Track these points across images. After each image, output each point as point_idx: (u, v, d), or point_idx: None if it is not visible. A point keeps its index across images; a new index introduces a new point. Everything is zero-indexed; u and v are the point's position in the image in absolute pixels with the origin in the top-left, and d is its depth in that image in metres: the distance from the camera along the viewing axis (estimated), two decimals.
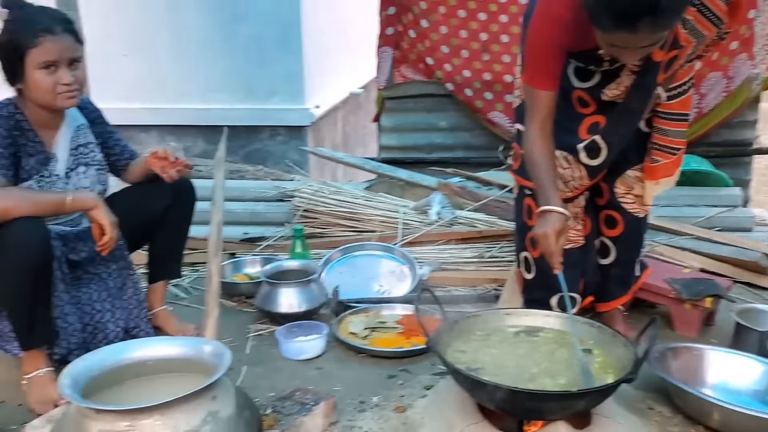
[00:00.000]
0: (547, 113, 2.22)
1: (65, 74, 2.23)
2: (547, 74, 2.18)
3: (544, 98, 2.19)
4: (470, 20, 4.34)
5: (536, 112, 2.22)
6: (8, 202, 2.10)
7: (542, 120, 2.22)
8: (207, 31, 4.77)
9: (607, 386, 1.81)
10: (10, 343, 2.39)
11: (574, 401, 1.80)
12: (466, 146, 4.53)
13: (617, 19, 1.87)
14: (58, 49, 2.21)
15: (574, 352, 1.98)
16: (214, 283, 2.35)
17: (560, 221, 2.08)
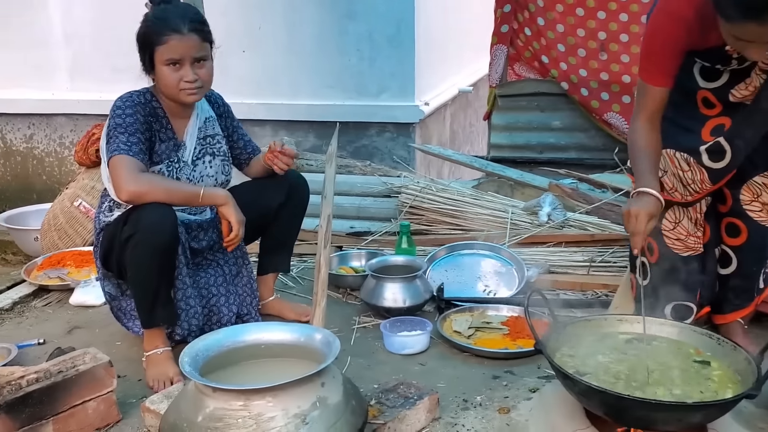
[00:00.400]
0: (656, 108, 2.21)
1: (188, 72, 2.32)
2: (662, 71, 2.16)
3: (657, 94, 2.18)
4: (588, 18, 4.23)
5: (646, 105, 2.21)
6: (147, 187, 2.22)
7: (651, 114, 2.21)
8: (321, 27, 4.86)
9: (726, 400, 1.73)
10: (132, 321, 2.55)
11: (689, 413, 1.73)
12: (579, 147, 4.42)
13: (744, 9, 1.81)
14: (182, 48, 2.31)
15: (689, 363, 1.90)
16: (323, 273, 2.40)
17: (654, 205, 2.04)
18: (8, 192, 5.66)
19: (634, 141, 2.22)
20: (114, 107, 2.34)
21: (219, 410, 1.62)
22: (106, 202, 2.45)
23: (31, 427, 1.93)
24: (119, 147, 2.24)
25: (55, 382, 1.98)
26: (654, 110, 2.20)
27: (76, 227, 3.71)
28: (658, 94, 2.18)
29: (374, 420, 1.93)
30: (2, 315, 3.01)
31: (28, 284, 3.26)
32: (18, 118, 5.51)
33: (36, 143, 5.54)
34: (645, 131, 2.21)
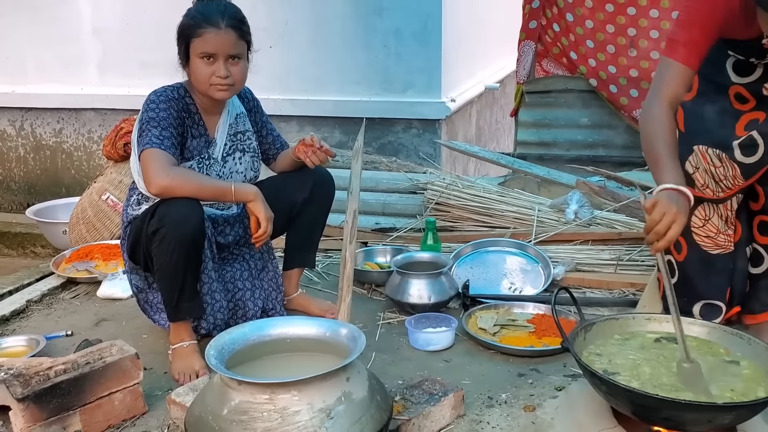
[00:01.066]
0: (678, 92, 2.08)
1: (221, 67, 2.32)
2: (693, 47, 2.05)
3: (680, 72, 2.06)
4: (618, 14, 4.18)
5: (667, 86, 2.08)
6: (178, 181, 2.23)
7: (671, 96, 2.07)
8: (348, 23, 4.85)
9: (757, 401, 1.70)
10: (158, 314, 2.56)
11: (720, 414, 1.71)
12: (607, 144, 4.38)
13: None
14: (217, 42, 2.31)
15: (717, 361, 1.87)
16: (349, 268, 2.40)
17: (687, 206, 1.89)
18: (38, 186, 5.74)
19: (653, 127, 2.05)
20: (148, 101, 2.35)
21: (244, 403, 1.63)
22: (135, 195, 2.47)
23: (58, 417, 1.95)
24: (151, 140, 2.25)
25: (82, 373, 2.00)
26: (675, 94, 2.08)
27: (103, 221, 3.75)
28: (683, 73, 2.06)
29: (399, 416, 1.92)
30: (31, 307, 3.05)
31: (57, 276, 3.30)
32: (47, 113, 5.58)
33: (65, 137, 5.61)
34: (665, 117, 2.05)
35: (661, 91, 2.09)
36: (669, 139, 2.04)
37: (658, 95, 2.09)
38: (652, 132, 2.06)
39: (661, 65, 2.14)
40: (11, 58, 5.55)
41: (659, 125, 2.05)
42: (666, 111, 2.06)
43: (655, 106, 2.08)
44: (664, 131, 2.04)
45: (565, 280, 3.04)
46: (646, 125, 2.09)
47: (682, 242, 2.43)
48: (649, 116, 2.09)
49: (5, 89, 5.59)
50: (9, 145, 5.74)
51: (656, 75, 2.15)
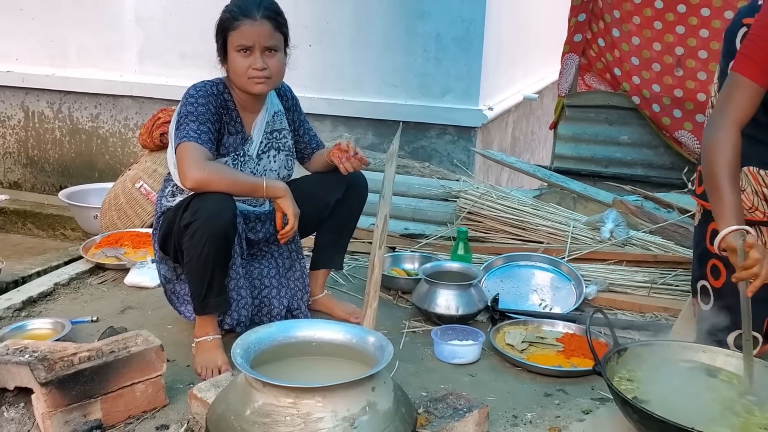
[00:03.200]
0: (747, 113, 2.01)
1: (258, 59, 2.32)
2: (763, 67, 1.98)
3: (750, 92, 2.00)
4: (666, 32, 4.10)
5: (736, 105, 2.00)
6: (214, 176, 2.22)
7: (740, 118, 2.00)
8: (390, 25, 4.82)
9: None
10: (185, 306, 2.55)
11: None
12: (647, 164, 4.30)
13: None
14: (253, 33, 2.30)
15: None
16: (376, 274, 2.36)
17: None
18: (72, 168, 5.80)
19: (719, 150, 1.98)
20: (187, 95, 2.34)
21: (268, 405, 1.60)
22: (169, 186, 2.46)
23: (79, 404, 1.94)
24: (189, 134, 2.24)
25: (106, 361, 1.98)
26: (744, 115, 2.00)
27: (135, 208, 3.76)
28: (754, 92, 1.99)
29: (422, 429, 1.88)
30: (58, 290, 3.06)
31: (86, 261, 3.31)
32: (86, 97, 5.63)
33: (101, 123, 5.65)
34: (732, 140, 1.98)
35: (729, 112, 2.01)
36: (733, 171, 1.99)
37: (727, 116, 2.01)
38: (716, 159, 2.00)
39: (729, 82, 2.06)
40: (54, 41, 5.61)
41: (724, 152, 1.99)
42: (733, 135, 2.00)
43: (722, 129, 2.01)
44: (729, 159, 1.98)
45: (596, 300, 2.98)
46: (712, 150, 2.01)
47: (721, 268, 2.36)
48: (714, 140, 2.02)
49: (46, 71, 5.65)
50: (46, 127, 5.80)
51: (724, 92, 2.07)
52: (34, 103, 5.78)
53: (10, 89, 5.78)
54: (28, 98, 5.78)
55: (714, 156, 2.00)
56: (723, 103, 2.06)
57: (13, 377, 1.93)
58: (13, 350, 1.99)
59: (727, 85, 2.08)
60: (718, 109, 2.07)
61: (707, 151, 2.04)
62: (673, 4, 4.04)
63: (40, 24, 5.59)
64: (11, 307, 2.81)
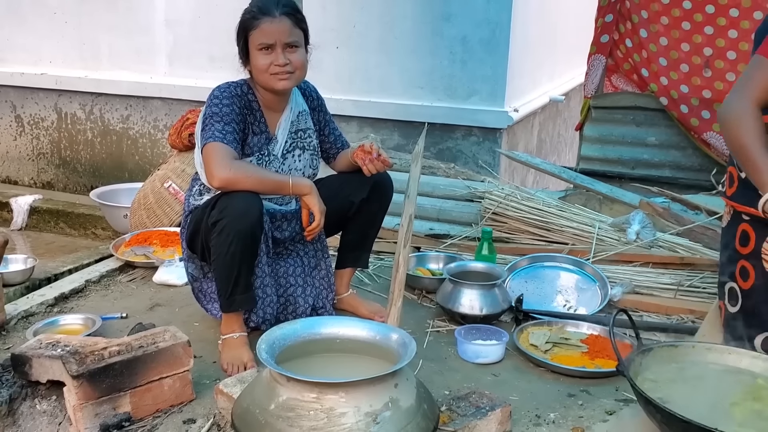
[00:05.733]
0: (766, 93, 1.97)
1: (279, 56, 2.35)
2: None
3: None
4: (695, 33, 4.06)
5: (756, 84, 1.97)
6: (240, 175, 2.26)
7: (760, 97, 1.97)
8: (416, 27, 4.84)
9: None
10: (211, 304, 2.59)
11: None
12: (674, 165, 4.25)
13: None
14: (273, 31, 2.34)
15: None
16: (401, 273, 2.38)
17: None
18: (102, 169, 5.90)
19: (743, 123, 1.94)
20: (211, 96, 2.39)
21: (292, 400, 1.63)
22: (197, 185, 2.50)
23: (109, 397, 1.98)
24: (214, 134, 2.28)
25: (135, 356, 2.03)
26: (765, 96, 1.97)
27: (164, 208, 3.82)
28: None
29: (444, 427, 1.89)
30: (89, 287, 3.12)
31: (116, 259, 3.38)
32: (116, 99, 5.73)
33: (131, 124, 5.75)
34: (754, 114, 1.94)
35: (748, 90, 1.99)
36: (761, 137, 1.93)
37: (744, 94, 1.99)
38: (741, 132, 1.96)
39: (752, 64, 2.04)
40: (86, 44, 5.72)
41: (748, 123, 1.95)
42: (753, 110, 1.96)
43: (741, 105, 1.98)
44: (753, 128, 1.94)
45: (622, 302, 2.96)
46: (735, 125, 1.98)
47: (750, 270, 2.33)
48: (733, 115, 1.98)
49: (79, 74, 5.76)
50: (78, 128, 5.92)
51: (745, 73, 2.04)
52: (66, 105, 5.89)
53: (43, 91, 5.91)
54: (61, 100, 5.89)
55: (738, 129, 1.97)
56: (743, 81, 2.03)
57: (46, 370, 1.99)
58: (46, 344, 2.04)
59: (749, 67, 2.05)
60: (736, 88, 2.04)
61: (729, 126, 2.00)
62: (701, 4, 4.00)
63: (73, 27, 5.71)
64: (44, 303, 2.88)
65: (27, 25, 5.84)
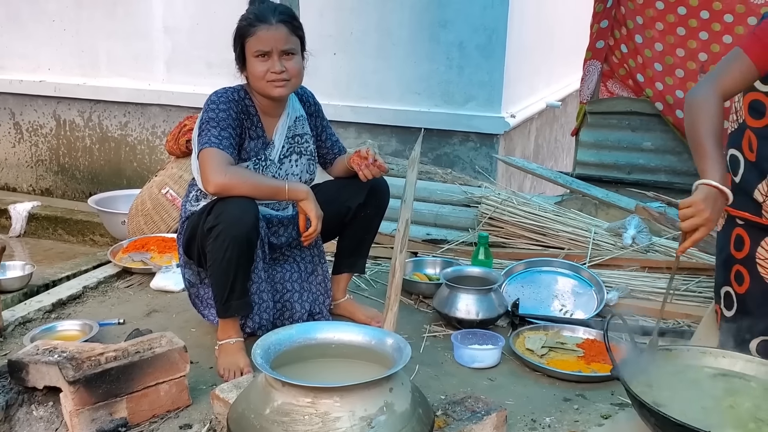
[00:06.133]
0: (735, 87, 2.03)
1: (276, 63, 2.36)
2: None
3: (746, 70, 2.00)
4: (689, 38, 4.08)
5: (727, 75, 2.01)
6: (236, 180, 2.27)
7: (726, 87, 2.01)
8: (413, 34, 4.86)
9: None
10: (208, 309, 2.60)
11: None
12: (670, 170, 4.26)
13: None
14: (270, 39, 2.35)
15: None
16: (397, 278, 2.39)
17: (721, 207, 1.90)
18: (101, 176, 5.91)
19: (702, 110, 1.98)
20: (208, 101, 2.40)
21: (287, 405, 1.63)
22: (194, 191, 2.51)
23: (106, 402, 1.99)
24: (210, 140, 2.29)
25: (132, 361, 2.03)
26: (732, 87, 2.02)
27: (161, 214, 3.83)
28: (748, 72, 2.00)
29: (439, 431, 1.90)
30: (87, 293, 3.13)
31: (113, 265, 3.38)
32: (115, 106, 5.75)
33: (130, 131, 5.76)
34: (716, 103, 1.98)
35: (718, 79, 2.02)
36: (715, 126, 1.98)
37: (714, 82, 2.02)
38: (699, 118, 1.99)
39: (731, 55, 2.07)
40: (85, 51, 5.74)
41: (708, 111, 1.99)
42: (715, 98, 2.00)
43: (704, 91, 2.02)
44: (711, 116, 1.98)
45: (618, 306, 2.97)
46: (695, 110, 2.02)
47: (745, 274, 2.35)
48: (697, 100, 2.02)
49: (77, 81, 5.78)
50: (77, 135, 5.93)
51: (722, 62, 2.08)
52: (65, 112, 5.91)
53: (42, 98, 5.93)
54: (60, 107, 5.91)
55: (697, 115, 2.01)
56: (717, 70, 2.06)
57: (43, 376, 1.99)
58: (43, 350, 2.05)
59: (726, 58, 2.08)
60: (708, 75, 2.07)
61: (690, 111, 2.04)
62: (696, 10, 4.02)
63: (72, 34, 5.73)
64: (42, 309, 2.89)
65: (26, 32, 5.86)
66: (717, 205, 1.90)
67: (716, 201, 1.90)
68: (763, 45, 2.01)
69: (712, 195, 1.90)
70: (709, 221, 1.87)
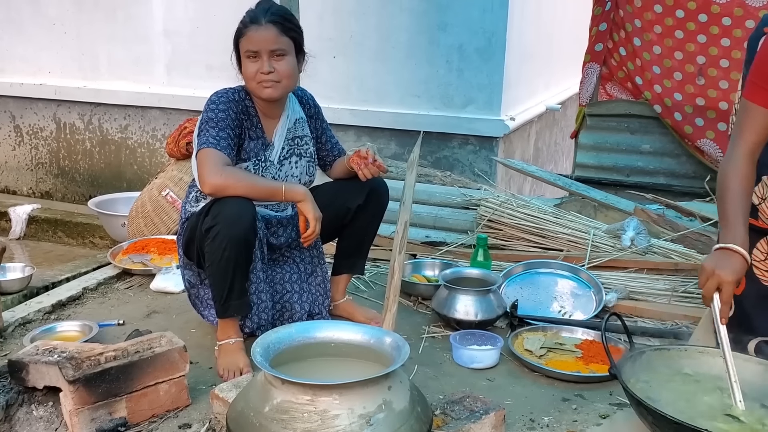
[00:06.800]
0: (759, 138, 2.04)
1: (265, 63, 2.37)
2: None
3: (761, 117, 2.02)
4: (688, 41, 4.10)
5: (749, 131, 2.04)
6: (231, 180, 2.27)
7: (753, 145, 2.04)
8: (412, 37, 4.87)
9: None
10: (208, 310, 2.61)
11: None
12: (669, 173, 4.28)
13: None
14: (259, 38, 2.36)
15: None
16: (396, 279, 2.39)
17: (743, 267, 1.92)
18: (101, 178, 5.93)
19: (729, 177, 2.04)
20: (209, 102, 2.41)
21: (286, 402, 1.64)
22: (194, 192, 2.52)
23: (105, 402, 2.00)
24: (208, 140, 2.30)
25: (131, 361, 2.04)
26: (756, 140, 2.04)
27: (161, 216, 3.84)
28: (763, 118, 2.02)
29: (438, 430, 1.91)
30: (87, 294, 3.14)
31: (113, 267, 3.39)
32: (115, 109, 5.76)
33: (130, 134, 5.77)
34: (742, 167, 2.03)
35: (741, 141, 2.05)
36: (741, 191, 2.02)
37: (739, 145, 2.05)
38: (727, 185, 2.04)
39: (741, 109, 2.10)
40: (85, 54, 5.75)
41: (735, 176, 2.03)
42: (744, 166, 2.03)
43: (733, 160, 2.05)
44: (738, 182, 2.02)
45: (616, 308, 2.98)
46: (724, 178, 2.06)
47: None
48: (728, 168, 2.06)
49: (78, 84, 5.79)
50: (77, 138, 5.94)
51: (737, 120, 2.12)
52: (65, 115, 5.93)
53: (43, 101, 5.95)
54: (60, 110, 5.93)
55: (725, 183, 2.04)
56: (736, 131, 2.10)
57: (42, 376, 2.00)
58: (43, 350, 2.05)
59: (739, 112, 2.11)
60: (732, 138, 2.11)
61: (720, 181, 2.08)
62: (694, 13, 4.04)
63: (72, 38, 5.75)
64: (41, 310, 2.90)
65: (26, 35, 5.88)
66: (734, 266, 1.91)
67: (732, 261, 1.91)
68: (763, 89, 2.02)
69: (726, 256, 1.92)
70: (726, 282, 1.89)
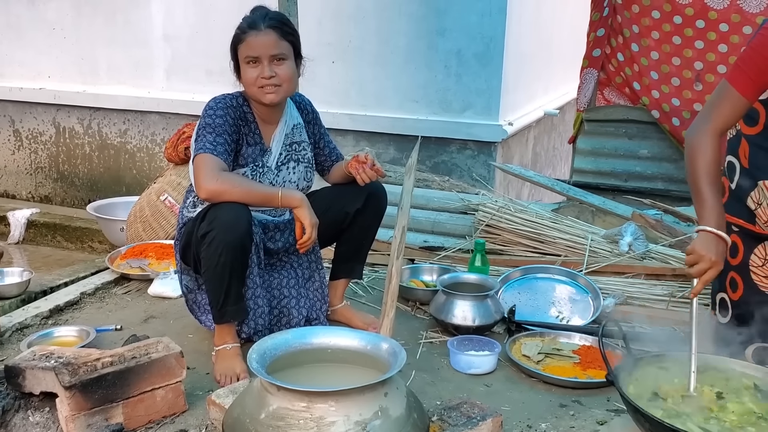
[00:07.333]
0: (730, 121, 2.09)
1: (265, 68, 2.38)
2: (754, 82, 2.04)
3: (736, 103, 2.05)
4: (685, 47, 4.11)
5: (720, 113, 2.07)
6: (227, 186, 2.27)
7: (722, 124, 2.07)
8: (411, 42, 4.88)
9: None
10: (205, 315, 2.61)
11: None
12: (667, 178, 4.29)
13: None
14: (259, 44, 2.37)
15: None
16: (394, 284, 2.39)
17: (725, 249, 1.98)
18: (100, 183, 5.93)
19: (700, 153, 2.04)
20: (206, 107, 2.41)
21: (282, 409, 1.64)
22: (191, 197, 2.52)
23: (102, 408, 1.99)
24: (205, 146, 2.31)
25: (128, 366, 2.04)
26: (727, 123, 2.08)
27: (160, 221, 3.84)
28: (739, 104, 2.05)
29: None
30: (84, 299, 3.14)
31: (111, 272, 3.39)
32: (114, 113, 5.77)
33: (129, 138, 5.78)
34: (712, 145, 2.05)
35: (713, 118, 2.08)
36: (711, 170, 2.05)
37: (709, 121, 2.08)
38: (697, 162, 2.06)
39: (719, 89, 2.12)
40: (85, 59, 5.76)
41: (705, 156, 2.05)
42: (713, 141, 2.06)
43: (703, 135, 2.07)
44: (709, 163, 2.04)
45: (614, 313, 2.97)
46: (693, 153, 2.08)
47: (739, 281, 2.36)
48: (696, 144, 2.08)
49: (77, 88, 5.80)
50: (76, 143, 5.95)
51: (712, 98, 2.13)
52: (65, 119, 5.93)
53: (42, 106, 5.95)
54: (60, 114, 5.93)
55: (695, 159, 2.07)
56: (709, 108, 2.11)
57: (39, 382, 2.00)
58: (40, 356, 2.05)
59: (716, 91, 2.12)
60: (703, 113, 2.13)
61: (688, 154, 2.10)
62: (691, 19, 4.05)
63: (72, 42, 5.76)
64: (39, 315, 2.89)
65: (25, 40, 5.89)
66: (718, 249, 1.96)
67: (717, 245, 1.97)
68: (747, 77, 2.05)
69: (711, 240, 1.97)
70: (715, 264, 1.95)
